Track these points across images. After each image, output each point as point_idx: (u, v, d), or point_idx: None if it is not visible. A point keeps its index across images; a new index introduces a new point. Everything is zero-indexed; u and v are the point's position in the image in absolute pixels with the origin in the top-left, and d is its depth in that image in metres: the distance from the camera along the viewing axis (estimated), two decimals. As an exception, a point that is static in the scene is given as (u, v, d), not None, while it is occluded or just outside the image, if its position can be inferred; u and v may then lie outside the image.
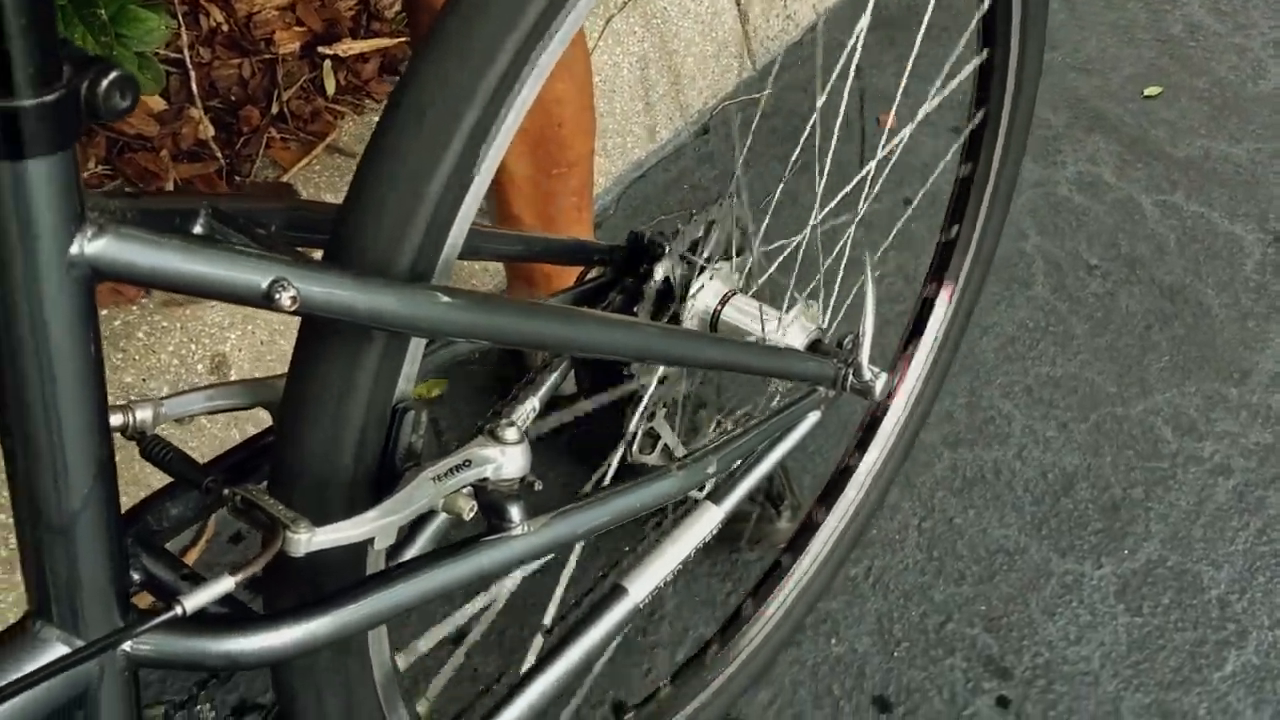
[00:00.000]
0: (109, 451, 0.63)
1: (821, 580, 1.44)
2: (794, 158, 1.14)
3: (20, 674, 0.65)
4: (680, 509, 1.11)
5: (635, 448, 1.11)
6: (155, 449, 0.76)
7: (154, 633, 0.69)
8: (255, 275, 0.60)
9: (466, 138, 0.72)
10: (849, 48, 1.13)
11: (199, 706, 1.09)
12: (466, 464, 0.79)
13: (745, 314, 1.13)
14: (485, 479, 0.80)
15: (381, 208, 0.72)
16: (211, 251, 0.59)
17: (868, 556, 1.58)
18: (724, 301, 1.16)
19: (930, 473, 1.69)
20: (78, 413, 0.60)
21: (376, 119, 0.80)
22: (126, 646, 0.68)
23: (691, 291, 1.14)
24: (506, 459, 0.80)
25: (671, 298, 1.15)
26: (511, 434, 0.81)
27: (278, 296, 0.61)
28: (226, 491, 0.72)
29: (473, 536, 0.82)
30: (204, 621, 0.71)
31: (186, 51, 1.66)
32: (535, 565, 0.89)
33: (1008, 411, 1.78)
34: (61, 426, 0.60)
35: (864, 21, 1.13)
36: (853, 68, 1.14)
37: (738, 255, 1.18)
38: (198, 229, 0.72)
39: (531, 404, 1.01)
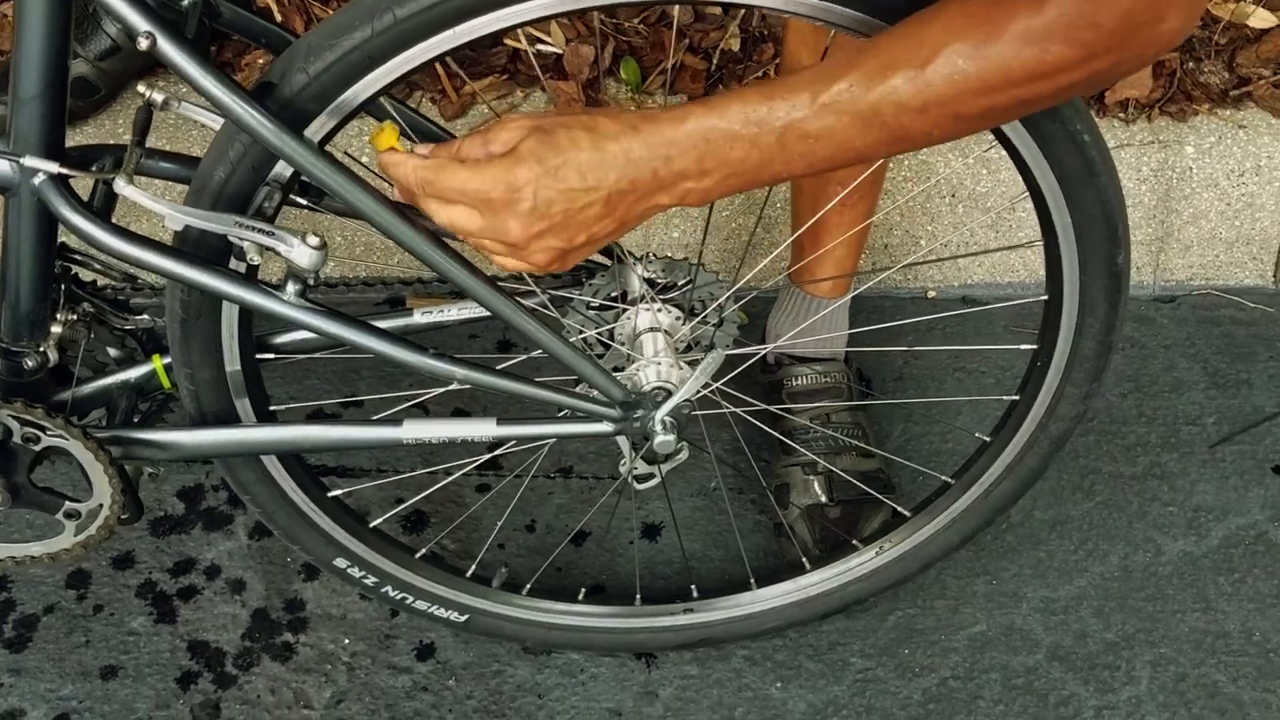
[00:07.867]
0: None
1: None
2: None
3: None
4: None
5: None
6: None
7: (47, 184, 1.16)
8: (135, 19, 1.05)
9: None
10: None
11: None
12: (271, 234, 1.19)
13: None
14: (276, 252, 1.19)
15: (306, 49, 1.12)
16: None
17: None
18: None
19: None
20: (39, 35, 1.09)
21: None
22: (35, 180, 1.17)
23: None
24: (296, 252, 1.19)
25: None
26: (313, 240, 1.19)
27: (140, 41, 1.05)
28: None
29: (258, 278, 1.23)
30: (79, 200, 1.18)
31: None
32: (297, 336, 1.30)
33: None
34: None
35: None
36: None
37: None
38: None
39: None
